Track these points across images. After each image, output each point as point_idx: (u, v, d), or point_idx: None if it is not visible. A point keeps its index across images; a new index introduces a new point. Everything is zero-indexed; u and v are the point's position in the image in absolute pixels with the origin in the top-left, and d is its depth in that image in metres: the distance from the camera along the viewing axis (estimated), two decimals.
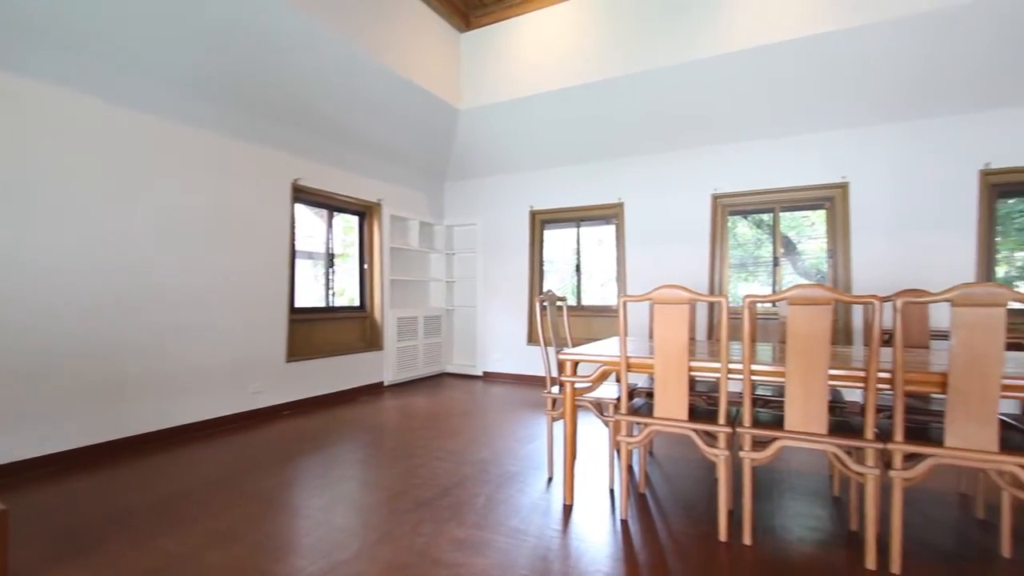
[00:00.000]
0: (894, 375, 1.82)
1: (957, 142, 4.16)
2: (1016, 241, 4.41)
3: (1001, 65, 3.76)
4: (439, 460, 3.16)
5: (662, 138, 5.12)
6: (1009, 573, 1.89)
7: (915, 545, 2.08)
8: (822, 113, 4.45)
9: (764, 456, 2.05)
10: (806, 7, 3.88)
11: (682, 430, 2.18)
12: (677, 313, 2.08)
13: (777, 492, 2.66)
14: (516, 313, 6.12)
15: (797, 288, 1.86)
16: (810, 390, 1.91)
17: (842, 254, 4.54)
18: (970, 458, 1.77)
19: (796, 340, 1.89)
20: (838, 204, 4.57)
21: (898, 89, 4.10)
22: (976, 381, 1.69)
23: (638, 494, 2.65)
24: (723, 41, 4.15)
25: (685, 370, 2.11)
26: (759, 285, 5.13)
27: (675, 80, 4.49)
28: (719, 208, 5.07)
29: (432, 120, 5.43)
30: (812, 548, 2.07)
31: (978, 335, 1.66)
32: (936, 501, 2.54)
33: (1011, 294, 1.61)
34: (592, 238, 6.02)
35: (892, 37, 3.75)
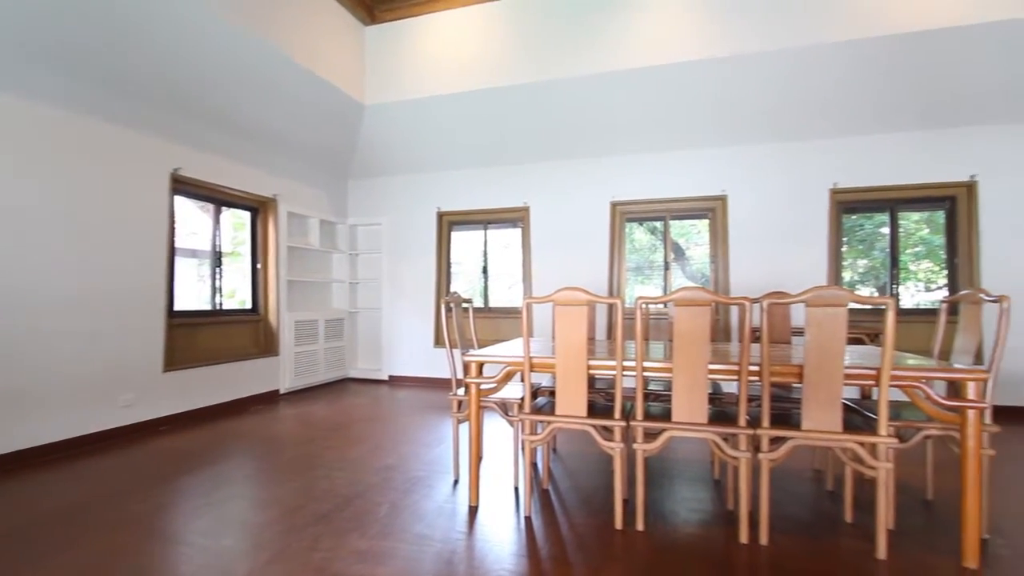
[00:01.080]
0: (762, 368, 2.04)
1: (812, 163, 4.78)
2: (858, 250, 5.15)
3: (846, 98, 4.38)
4: (340, 470, 3.02)
5: (566, 146, 5.33)
6: (850, 535, 2.20)
7: (779, 518, 2.35)
8: (705, 131, 4.89)
9: (654, 447, 2.20)
10: (691, 35, 4.25)
11: (582, 426, 2.29)
12: (576, 314, 2.17)
13: (667, 479, 2.87)
14: (423, 315, 6.04)
15: (681, 291, 2.03)
16: (693, 384, 2.10)
17: (722, 260, 5.02)
18: (821, 438, 2.04)
19: (681, 338, 2.06)
20: (719, 215, 5.05)
21: (765, 114, 4.62)
22: (824, 371, 1.96)
23: (542, 490, 2.73)
24: (621, 58, 4.42)
25: (584, 369, 2.22)
26: (653, 287, 5.51)
27: (578, 91, 4.69)
28: (617, 215, 5.37)
29: (335, 114, 5.19)
30: (695, 528, 2.26)
31: (825, 331, 1.92)
32: (795, 478, 2.89)
33: (850, 296, 1.89)
34: (499, 241, 6.10)
35: (757, 68, 4.22)
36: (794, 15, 4.04)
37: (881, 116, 4.48)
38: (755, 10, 4.12)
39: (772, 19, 4.08)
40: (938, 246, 4.77)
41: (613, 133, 5.08)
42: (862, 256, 5.15)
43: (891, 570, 1.92)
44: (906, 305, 4.79)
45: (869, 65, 4.08)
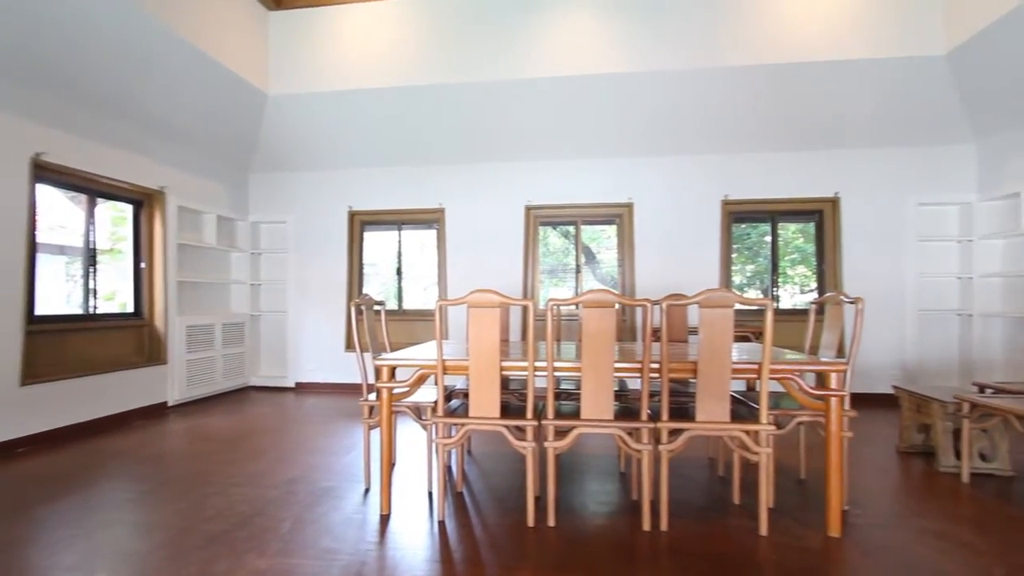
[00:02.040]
0: (661, 366, 2.19)
1: (707, 176, 5.20)
2: (746, 256, 5.67)
3: (736, 118, 4.82)
4: (238, 486, 2.81)
5: (482, 149, 5.36)
6: (737, 515, 2.41)
7: (678, 504, 2.52)
8: (613, 141, 5.14)
9: (564, 444, 2.28)
10: (600, 49, 4.46)
11: (495, 427, 2.31)
12: (489, 316, 2.19)
13: (577, 474, 2.98)
14: (333, 318, 5.78)
15: (589, 293, 2.12)
16: (600, 382, 2.19)
17: (628, 263, 5.30)
18: (712, 429, 2.22)
19: (589, 338, 2.15)
20: (625, 221, 5.33)
21: (666, 128, 4.96)
22: (715, 367, 2.13)
23: (456, 493, 2.72)
24: (535, 66, 4.54)
25: (497, 370, 2.24)
26: (567, 290, 5.69)
27: (494, 95, 4.75)
28: (532, 218, 5.49)
29: (233, 102, 4.83)
30: (603, 520, 2.37)
31: (716, 330, 2.10)
32: (692, 466, 3.12)
33: (736, 298, 2.07)
34: (415, 242, 6.00)
35: (660, 85, 4.53)
36: (694, 39, 4.38)
37: (764, 136, 4.98)
38: (660, 31, 4.41)
39: (675, 41, 4.40)
40: (810, 254, 5.39)
41: (528, 138, 5.20)
42: (749, 262, 5.69)
43: (770, 544, 2.13)
44: (785, 306, 5.35)
45: (755, 89, 4.52)
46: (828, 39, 4.26)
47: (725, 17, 4.37)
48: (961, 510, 2.50)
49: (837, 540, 2.18)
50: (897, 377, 4.86)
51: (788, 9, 4.32)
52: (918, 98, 4.52)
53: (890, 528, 2.30)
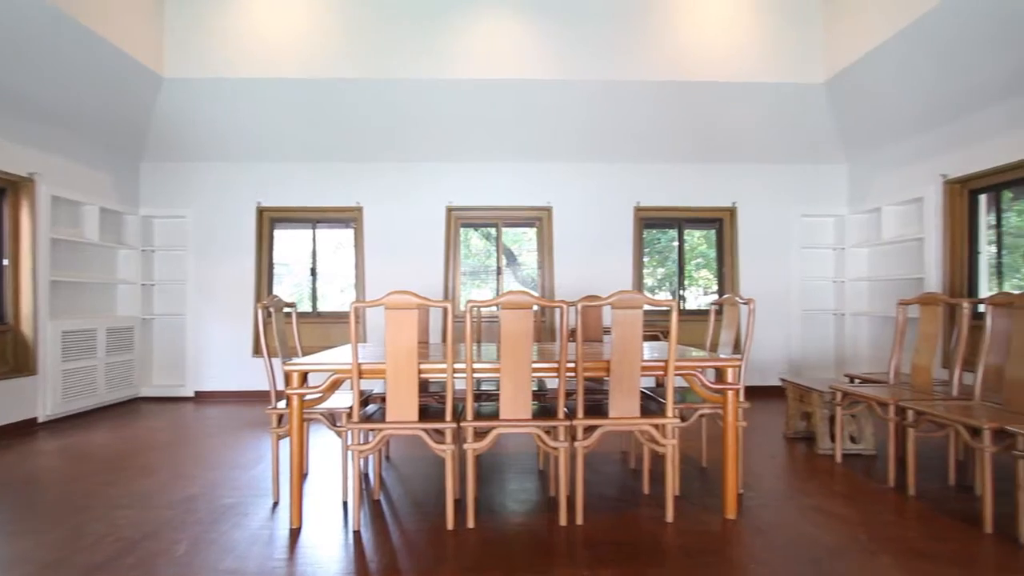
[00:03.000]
0: (577, 365, 2.26)
1: (621, 183, 5.46)
2: (656, 260, 6.02)
3: (648, 129, 5.10)
4: (123, 509, 2.54)
5: (403, 148, 5.26)
6: (647, 505, 2.55)
7: (593, 498, 2.62)
8: (534, 146, 5.25)
9: (483, 445, 2.29)
10: (523, 54, 4.55)
11: (413, 431, 2.27)
12: (407, 318, 2.15)
13: (497, 474, 3.00)
14: (239, 321, 5.39)
15: (507, 295, 2.15)
16: (518, 382, 2.23)
17: (548, 266, 5.44)
18: (624, 424, 2.33)
19: (507, 339, 2.18)
20: (545, 224, 5.46)
21: (584, 135, 5.15)
22: (626, 365, 2.24)
23: (373, 501, 2.64)
24: (458, 67, 4.53)
25: (415, 373, 2.20)
26: (489, 292, 5.72)
27: (415, 94, 4.67)
28: (453, 220, 5.47)
29: (122, 83, 4.37)
30: (522, 518, 2.40)
31: (627, 330, 2.21)
32: (606, 460, 3.26)
33: (645, 299, 2.20)
34: (331, 241, 5.76)
35: (579, 94, 4.70)
36: (610, 52, 4.58)
37: (672, 148, 5.31)
38: (579, 42, 4.57)
39: (592, 53, 4.57)
40: (712, 258, 5.82)
41: (450, 139, 5.17)
42: (659, 265, 6.04)
43: (676, 530, 2.28)
44: (691, 307, 5.74)
45: (663, 104, 4.81)
46: (726, 62, 4.64)
47: (637, 34, 4.62)
48: (835, 487, 2.81)
49: (734, 522, 2.37)
50: (784, 370, 5.39)
51: (692, 32, 4.65)
52: (801, 120, 5.04)
53: (778, 507, 2.54)
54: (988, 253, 4.23)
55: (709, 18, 4.66)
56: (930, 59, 3.90)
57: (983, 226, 4.24)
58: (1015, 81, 3.62)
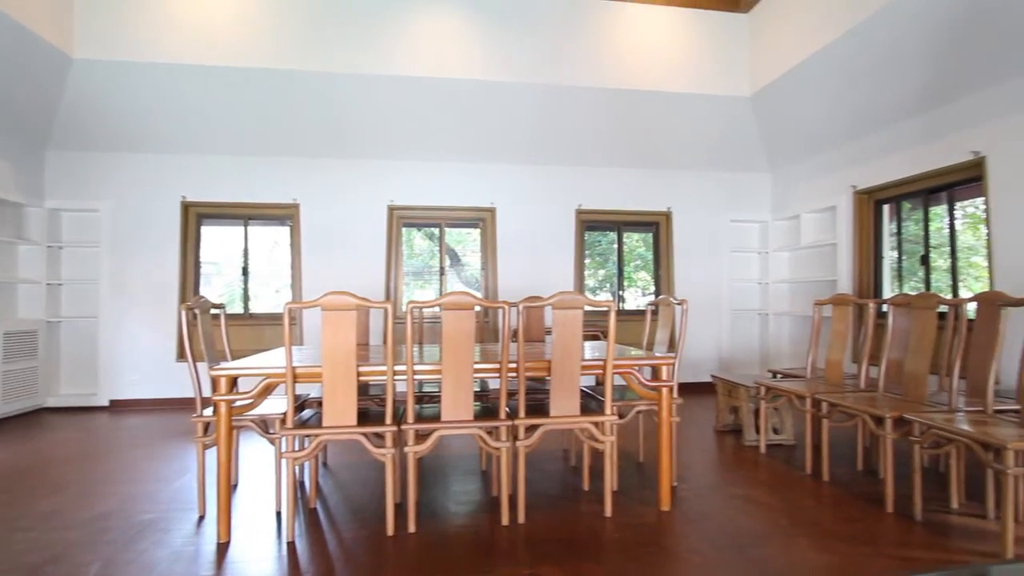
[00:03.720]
0: (518, 365, 2.28)
1: (563, 186, 5.57)
2: (597, 262, 6.18)
3: (589, 134, 5.23)
4: (24, 531, 2.30)
5: (342, 143, 5.10)
6: (587, 501, 2.61)
7: (535, 496, 2.65)
8: (477, 146, 5.25)
9: (424, 448, 2.26)
10: (467, 55, 4.54)
11: (351, 435, 2.20)
12: (346, 319, 2.09)
13: (440, 477, 2.98)
14: (162, 324, 5.03)
15: (449, 295, 2.13)
16: (460, 383, 2.22)
17: (491, 266, 5.45)
18: (565, 422, 2.37)
19: (449, 340, 2.17)
20: (488, 225, 5.48)
21: (528, 138, 5.21)
22: (566, 365, 2.29)
23: (309, 510, 2.54)
24: (401, 64, 4.46)
25: (354, 376, 2.14)
26: (432, 292, 5.66)
27: (356, 89, 4.55)
28: (395, 219, 5.37)
29: (23, 62, 3.97)
30: (464, 520, 2.40)
31: (567, 330, 2.25)
32: (548, 458, 3.31)
33: (584, 300, 2.25)
34: (265, 239, 5.50)
35: (523, 97, 4.74)
36: (552, 56, 4.65)
37: (612, 153, 5.47)
38: (523, 45, 4.61)
39: (535, 56, 4.63)
40: (650, 260, 6.05)
41: (392, 137, 5.07)
42: (600, 267, 6.20)
43: (614, 524, 2.35)
44: (630, 307, 5.93)
45: (603, 109, 4.95)
46: (663, 73, 4.83)
47: (581, 42, 4.73)
48: (759, 476, 3.00)
49: (668, 513, 2.47)
50: (715, 367, 5.68)
51: (632, 43, 4.81)
52: (730, 132, 5.34)
53: (709, 497, 2.67)
54: (891, 258, 4.66)
55: (649, 31, 4.85)
56: (840, 80, 4.24)
57: (887, 233, 4.66)
58: (913, 103, 4.01)
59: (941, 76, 3.69)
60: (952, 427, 2.18)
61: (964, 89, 3.67)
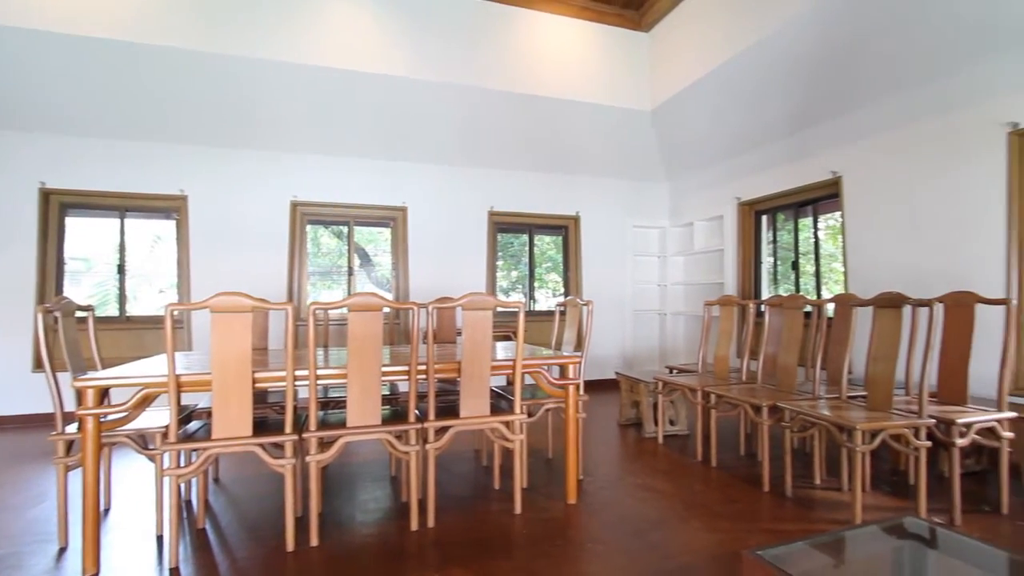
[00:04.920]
0: (428, 367, 2.26)
1: (475, 187, 5.59)
2: (509, 263, 6.27)
3: (502, 136, 5.29)
4: None
5: (238, 132, 4.73)
6: (497, 499, 2.64)
7: (446, 499, 2.63)
8: (388, 143, 5.12)
9: (328, 456, 2.16)
10: (378, 48, 4.40)
11: (246, 447, 2.05)
12: (239, 322, 1.94)
13: (346, 486, 2.86)
14: (15, 329, 4.35)
15: (355, 296, 2.06)
16: (366, 387, 2.15)
17: (403, 267, 5.34)
18: (475, 423, 2.38)
19: (355, 343, 2.09)
20: (400, 224, 5.36)
21: (440, 137, 5.16)
22: (476, 365, 2.30)
23: (196, 531, 2.32)
24: (307, 52, 4.21)
25: (248, 383, 2.00)
26: (341, 293, 5.42)
27: (256, 75, 4.24)
28: (299, 215, 5.08)
29: None
30: (371, 528, 2.32)
31: (477, 331, 2.26)
32: (459, 460, 3.30)
33: (495, 301, 2.28)
34: (146, 234, 4.95)
35: (435, 95, 4.70)
36: (464, 57, 4.64)
37: (523, 156, 5.59)
38: (434, 43, 4.56)
39: (446, 55, 4.59)
40: (560, 262, 6.25)
41: (295, 128, 4.79)
42: (513, 268, 6.30)
43: (524, 520, 2.40)
44: (541, 308, 6.08)
45: (513, 113, 5.03)
46: (573, 82, 5.02)
47: (496, 46, 4.76)
48: (657, 465, 3.21)
49: (574, 506, 2.57)
50: (619, 365, 5.99)
51: (546, 51, 4.93)
52: (633, 142, 5.67)
53: (612, 488, 2.81)
54: (768, 263, 5.20)
55: (559, 42, 5.00)
56: (725, 102, 4.66)
57: (765, 241, 5.19)
58: (784, 126, 4.51)
59: (806, 103, 4.19)
60: (815, 412, 2.48)
61: (824, 116, 4.19)
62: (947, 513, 2.39)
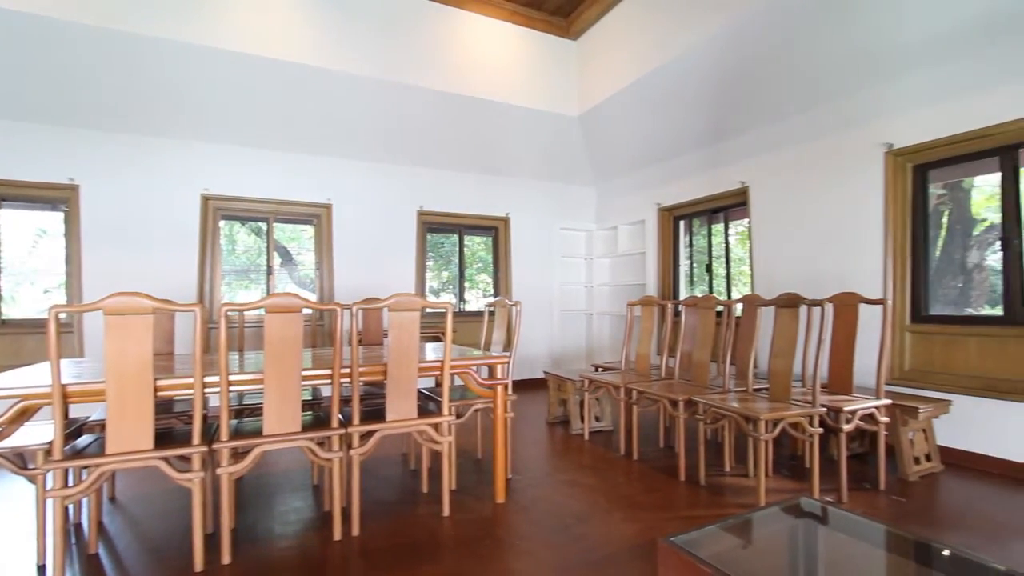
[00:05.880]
0: (352, 370, 2.19)
1: (404, 186, 5.48)
2: (440, 264, 6.21)
3: (430, 135, 5.23)
4: None
5: (142, 118, 4.33)
6: (425, 503, 2.60)
7: (371, 505, 2.55)
8: (311, 137, 4.90)
9: (243, 467, 2.03)
10: (300, 37, 4.19)
11: (147, 461, 1.88)
12: (138, 325, 1.78)
13: (263, 498, 2.70)
14: None
15: (271, 297, 1.95)
16: (285, 392, 2.04)
17: (327, 266, 5.13)
18: (402, 426, 2.34)
19: (273, 346, 1.98)
20: (324, 222, 5.14)
21: (366, 133, 5.02)
22: (403, 367, 2.26)
23: (87, 557, 2.10)
24: (223, 36, 3.93)
25: (150, 391, 1.84)
26: (260, 293, 5.11)
27: (163, 56, 3.90)
28: (211, 210, 4.73)
29: None
30: (290, 541, 2.21)
31: (404, 332, 2.22)
32: (386, 464, 3.22)
33: (422, 302, 2.25)
34: (27, 227, 4.41)
35: (360, 89, 4.56)
36: (391, 51, 4.54)
37: (453, 156, 5.56)
38: (359, 35, 4.42)
39: (373, 49, 4.47)
40: (490, 263, 6.27)
41: (209, 117, 4.46)
42: (443, 268, 6.24)
43: (452, 522, 2.38)
44: (472, 308, 6.07)
45: (443, 112, 4.99)
46: (503, 84, 5.06)
47: (425, 42, 4.70)
48: (583, 461, 3.31)
49: (503, 505, 2.58)
50: (548, 364, 6.12)
51: (476, 52, 4.93)
52: (562, 146, 5.81)
53: (540, 485, 2.86)
54: (685, 266, 5.52)
55: (489, 43, 5.02)
56: (646, 112, 4.90)
57: (682, 245, 5.51)
58: (699, 137, 4.81)
59: (719, 118, 4.50)
60: (724, 405, 2.67)
61: (735, 130, 4.52)
62: (836, 492, 2.65)
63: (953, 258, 3.42)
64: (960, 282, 3.39)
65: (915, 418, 2.88)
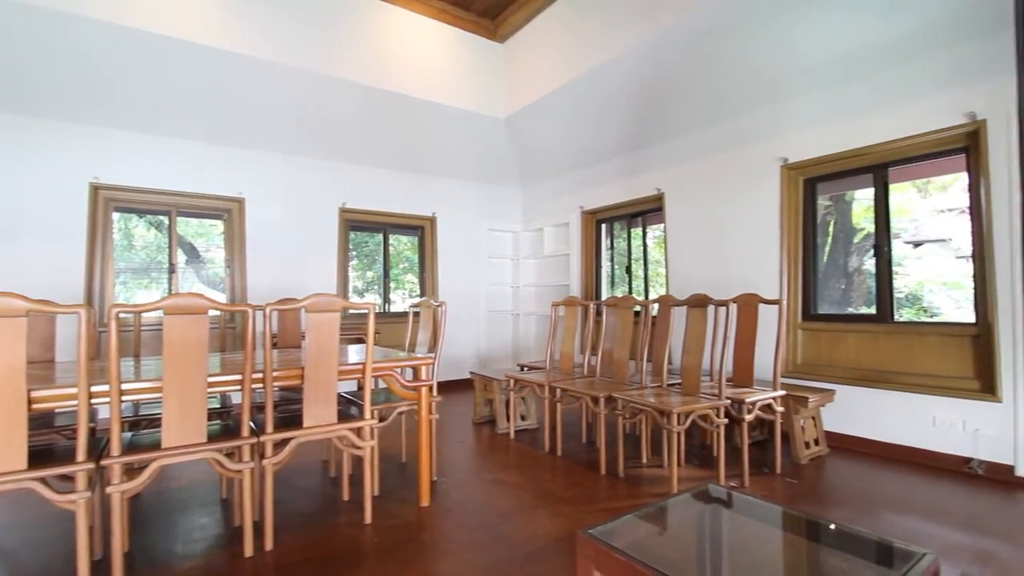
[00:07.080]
0: (265, 374, 2.06)
1: (325, 182, 5.26)
2: (364, 263, 6.02)
3: (354, 131, 5.06)
4: None
5: (25, 97, 3.82)
6: (346, 511, 2.51)
7: (287, 517, 2.42)
8: (220, 126, 4.56)
9: (138, 483, 1.85)
10: (211, 19, 3.89)
11: (17, 484, 1.67)
12: (8, 329, 1.57)
13: (164, 516, 2.48)
14: None
15: (171, 298, 1.80)
16: (187, 401, 1.89)
17: (239, 264, 4.80)
18: (321, 432, 2.24)
19: (173, 350, 1.82)
20: (235, 217, 4.81)
21: (284, 126, 4.75)
22: (321, 370, 2.16)
23: None
24: (117, 9, 3.55)
25: (22, 403, 1.63)
26: (161, 293, 4.68)
27: (54, 30, 3.46)
28: (102, 201, 4.28)
29: None
30: (195, 560, 2.04)
31: (323, 334, 2.13)
32: (304, 473, 3.07)
33: (342, 302, 2.17)
34: None
35: (278, 79, 4.32)
36: (322, 44, 4.32)
37: (376, 153, 5.41)
38: (277, 21, 4.17)
39: (303, 39, 4.23)
40: (416, 263, 6.17)
41: (100, 97, 4.02)
42: (368, 268, 6.05)
43: (374, 529, 2.31)
44: (397, 309, 5.94)
45: (365, 107, 4.83)
46: (430, 82, 4.98)
47: (350, 34, 4.52)
48: (509, 459, 3.34)
49: (428, 508, 2.55)
50: (474, 364, 6.11)
51: (402, 47, 4.82)
52: (489, 147, 5.83)
53: (465, 486, 2.85)
54: (607, 267, 5.74)
55: (416, 39, 4.93)
56: (570, 117, 5.05)
57: (604, 247, 5.72)
58: (620, 145, 5.02)
59: (638, 126, 4.72)
60: (641, 400, 2.81)
61: (652, 139, 4.76)
62: (739, 477, 2.87)
63: (838, 263, 3.83)
64: (843, 284, 3.80)
65: (805, 407, 3.18)
